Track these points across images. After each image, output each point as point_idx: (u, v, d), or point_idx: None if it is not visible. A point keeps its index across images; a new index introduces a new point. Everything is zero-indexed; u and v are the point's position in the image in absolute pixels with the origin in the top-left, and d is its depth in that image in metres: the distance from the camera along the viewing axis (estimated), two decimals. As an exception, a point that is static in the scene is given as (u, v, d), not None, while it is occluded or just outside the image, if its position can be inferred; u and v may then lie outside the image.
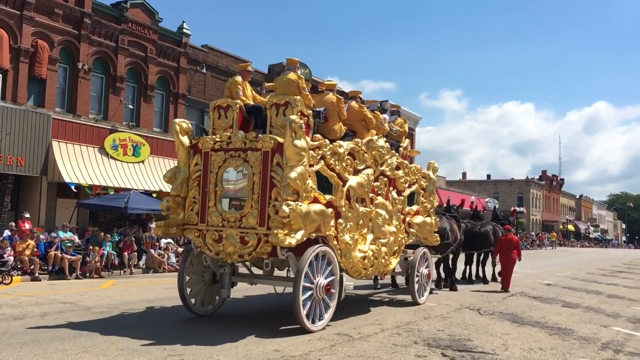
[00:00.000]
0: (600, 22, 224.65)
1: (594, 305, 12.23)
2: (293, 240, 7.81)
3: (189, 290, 9.26)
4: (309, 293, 8.11)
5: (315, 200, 8.41)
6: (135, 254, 18.59)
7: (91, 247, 17.04)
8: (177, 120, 9.43)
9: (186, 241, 16.05)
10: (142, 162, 23.39)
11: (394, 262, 10.64)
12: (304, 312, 7.90)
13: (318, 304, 8.34)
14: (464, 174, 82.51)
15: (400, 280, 14.09)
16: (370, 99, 11.76)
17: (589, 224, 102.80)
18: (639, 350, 7.65)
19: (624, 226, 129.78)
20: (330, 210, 8.62)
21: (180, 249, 20.38)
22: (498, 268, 16.06)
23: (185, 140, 9.12)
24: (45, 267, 15.83)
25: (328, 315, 8.51)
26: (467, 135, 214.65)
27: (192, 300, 9.27)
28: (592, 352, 7.41)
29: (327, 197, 8.71)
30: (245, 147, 8.47)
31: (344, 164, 9.20)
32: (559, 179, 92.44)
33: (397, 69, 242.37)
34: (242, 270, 9.92)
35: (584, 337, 8.42)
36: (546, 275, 19.91)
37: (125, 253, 18.16)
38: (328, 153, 8.85)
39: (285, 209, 7.70)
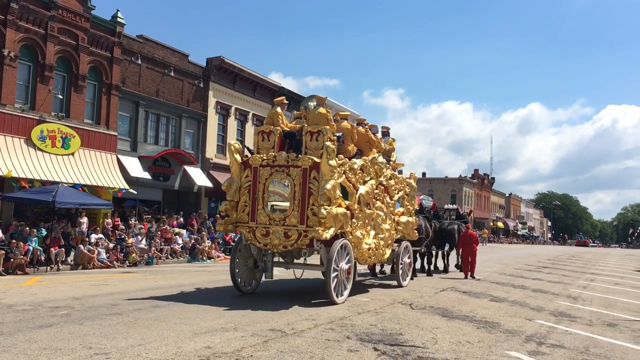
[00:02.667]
0: (538, 27, 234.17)
1: (519, 300, 12.70)
2: (328, 234, 10.39)
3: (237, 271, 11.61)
4: (335, 275, 10.65)
5: (339, 205, 10.97)
6: (63, 249, 17.91)
7: (15, 242, 16.28)
8: (232, 141, 12.05)
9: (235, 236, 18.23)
10: (72, 154, 22.59)
11: (388, 252, 13.48)
12: (333, 289, 10.52)
13: (341, 283, 10.94)
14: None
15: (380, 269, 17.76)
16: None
17: (517, 221, 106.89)
18: (560, 343, 7.98)
19: (549, 224, 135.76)
20: (348, 212, 11.18)
21: (111, 245, 19.81)
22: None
23: (238, 157, 11.49)
24: (-35, 264, 15.05)
25: (346, 292, 11.12)
26: (408, 134, 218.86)
27: (239, 280, 11.64)
28: (516, 345, 7.68)
29: (346, 202, 11.28)
30: (288, 164, 10.99)
31: (357, 177, 11.95)
32: (490, 177, 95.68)
33: (342, 67, 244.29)
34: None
35: (509, 330, 8.72)
36: (476, 271, 20.54)
37: (52, 249, 17.46)
38: (347, 169, 11.55)
39: (323, 211, 10.30)
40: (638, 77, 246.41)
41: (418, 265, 18.06)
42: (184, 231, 24.81)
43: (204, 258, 23.14)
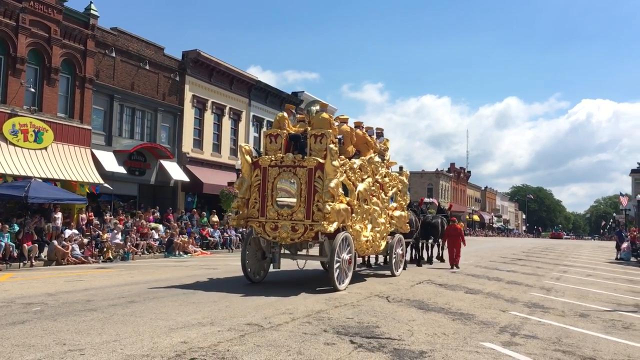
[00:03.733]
0: (516, 22, 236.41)
1: (494, 292, 12.87)
2: (332, 228, 11.55)
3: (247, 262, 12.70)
4: (337, 264, 11.75)
5: (341, 201, 12.07)
6: (36, 245, 17.64)
7: (-14, 238, 16.00)
8: (242, 144, 13.30)
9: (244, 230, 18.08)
10: (45, 148, 22.26)
11: (383, 244, 14.78)
12: (336, 277, 11.67)
13: (343, 272, 12.05)
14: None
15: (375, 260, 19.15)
16: (299, 91, 14.56)
17: (492, 214, 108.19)
18: (534, 333, 8.11)
19: (524, 216, 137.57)
20: (349, 207, 12.34)
21: (85, 240, 19.58)
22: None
23: (249, 158, 12.53)
24: None
25: (347, 280, 12.25)
26: (386, 128, 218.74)
27: (249, 270, 12.67)
28: (491, 336, 7.78)
29: (347, 198, 12.40)
30: (294, 165, 12.00)
31: (356, 175, 13.13)
32: (466, 171, 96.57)
33: (321, 61, 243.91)
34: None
35: (484, 322, 8.83)
36: (441, 266, 20.74)
37: (25, 244, 17.19)
38: (348, 168, 12.71)
39: (328, 207, 11.46)
40: (612, 71, 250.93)
41: (407, 256, 18.67)
42: (160, 226, 24.61)
43: (181, 253, 22.99)
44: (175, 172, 29.49)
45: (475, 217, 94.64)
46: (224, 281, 13.10)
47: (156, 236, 23.41)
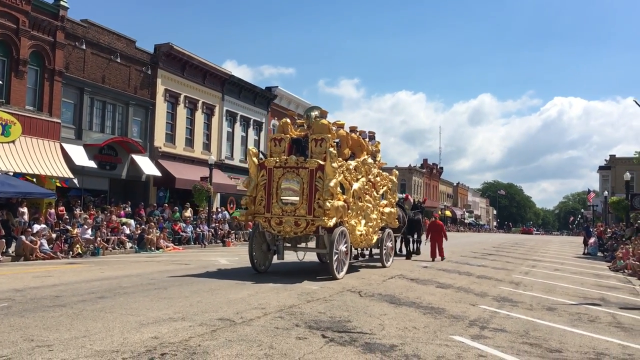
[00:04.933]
0: (491, 20, 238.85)
1: (464, 286, 13.06)
2: (331, 223, 12.84)
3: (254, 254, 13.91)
4: (336, 256, 13.08)
5: (339, 199, 13.40)
6: (4, 240, 17.30)
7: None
8: (250, 147, 15.10)
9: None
10: (13, 142, 21.81)
11: (375, 238, 16.13)
12: (335, 267, 12.99)
13: (341, 262, 13.39)
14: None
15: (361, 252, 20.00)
16: (273, 86, 15.41)
17: (464, 209, 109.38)
18: (502, 327, 8.26)
19: (495, 212, 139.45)
20: (345, 204, 13.58)
21: (54, 235, 19.28)
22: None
23: (255, 160, 13.90)
24: None
25: (345, 269, 13.62)
26: (362, 124, 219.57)
27: (255, 261, 13.84)
28: (460, 329, 7.90)
29: (344, 196, 13.76)
30: (297, 166, 13.33)
31: (352, 175, 14.55)
32: (438, 167, 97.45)
33: (298, 56, 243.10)
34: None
35: (454, 316, 8.96)
36: (424, 258, 20.96)
37: (-8, 240, 16.84)
38: (345, 169, 14.11)
39: (328, 204, 12.84)
40: (584, 69, 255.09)
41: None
42: (131, 221, 24.33)
43: (153, 248, 22.78)
44: (147, 166, 29.16)
45: (448, 213, 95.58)
46: (196, 277, 13.02)
47: (127, 231, 23.15)
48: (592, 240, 32.10)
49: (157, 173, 29.61)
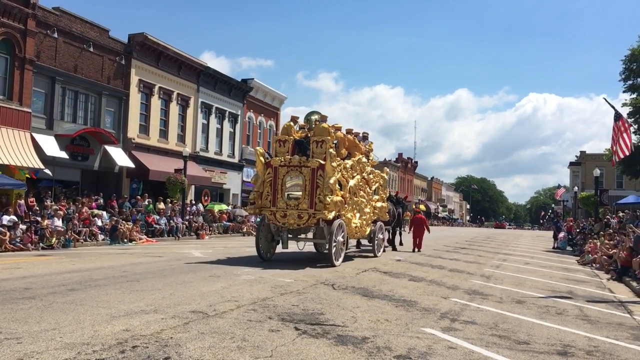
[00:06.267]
0: (469, 14, 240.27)
1: (436, 279, 13.21)
2: (331, 216, 14.50)
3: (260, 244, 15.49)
4: (335, 246, 14.65)
5: (337, 195, 14.92)
6: (-28, 232, 16.94)
7: None
8: (258, 147, 18.21)
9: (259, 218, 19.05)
10: (-19, 131, 21.31)
11: (368, 230, 17.72)
12: (333, 255, 14.56)
13: (338, 251, 15.00)
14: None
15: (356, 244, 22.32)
16: (249, 78, 16.14)
17: (438, 204, 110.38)
18: (472, 319, 8.38)
19: (468, 206, 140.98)
20: (342, 199, 15.16)
21: (23, 226, 18.96)
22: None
23: (262, 159, 15.51)
24: None
25: (341, 258, 15.28)
26: (340, 117, 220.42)
27: (261, 251, 15.34)
28: (431, 322, 8.01)
29: (341, 192, 15.34)
30: (300, 165, 14.96)
31: (348, 173, 16.20)
32: (413, 161, 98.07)
33: (277, 48, 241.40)
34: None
35: (425, 308, 9.07)
36: (396, 252, 21.13)
37: (-40, 231, 16.49)
38: (342, 168, 15.77)
39: (328, 199, 14.44)
40: (559, 66, 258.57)
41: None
42: (103, 213, 24.04)
43: (125, 240, 22.55)
44: (120, 158, 28.81)
45: (422, 207, 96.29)
46: (169, 269, 12.94)
47: (99, 223, 22.87)
48: (561, 234, 32.67)
49: (131, 164, 29.28)
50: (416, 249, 21.76)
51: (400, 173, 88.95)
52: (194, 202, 33.23)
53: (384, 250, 19.81)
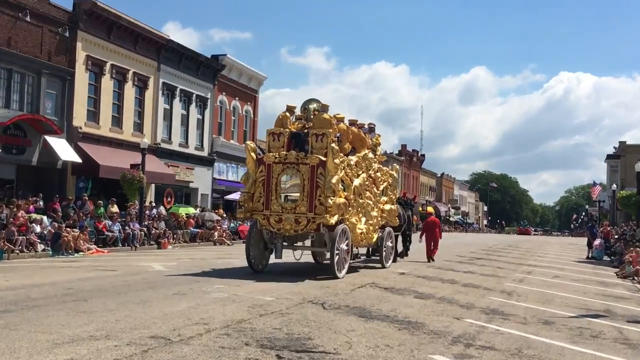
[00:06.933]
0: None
1: (448, 296, 13.26)
2: (333, 220, 14.74)
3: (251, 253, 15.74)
4: (337, 255, 14.95)
5: (340, 196, 15.14)
6: None
7: None
8: (248, 142, 17.53)
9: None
10: None
11: (375, 237, 18.18)
12: (335, 265, 14.88)
13: (342, 261, 15.29)
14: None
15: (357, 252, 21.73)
16: (221, 54, 16.31)
17: (449, 205, 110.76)
18: (491, 344, 8.42)
19: (485, 208, 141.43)
20: (346, 202, 15.43)
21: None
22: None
23: (254, 155, 15.77)
24: None
25: (345, 268, 15.65)
26: (332, 101, 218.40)
27: (252, 260, 15.61)
28: (441, 347, 8.04)
29: (345, 193, 15.57)
30: (298, 162, 15.25)
31: (353, 171, 16.49)
32: (419, 154, 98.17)
33: (256, 18, 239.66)
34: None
35: (434, 331, 9.10)
36: (400, 263, 21.19)
37: None
38: (346, 165, 15.99)
39: (330, 201, 14.62)
40: (595, 39, 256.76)
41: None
42: (44, 217, 23.91)
43: (71, 251, 22.44)
44: (64, 150, 28.64)
45: (430, 209, 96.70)
46: (124, 286, 12.90)
47: (38, 230, 22.74)
48: (597, 242, 32.85)
49: (77, 159, 29.12)
50: (430, 259, 22.32)
51: (405, 168, 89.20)
52: (154, 204, 33.14)
53: (394, 261, 20.25)
